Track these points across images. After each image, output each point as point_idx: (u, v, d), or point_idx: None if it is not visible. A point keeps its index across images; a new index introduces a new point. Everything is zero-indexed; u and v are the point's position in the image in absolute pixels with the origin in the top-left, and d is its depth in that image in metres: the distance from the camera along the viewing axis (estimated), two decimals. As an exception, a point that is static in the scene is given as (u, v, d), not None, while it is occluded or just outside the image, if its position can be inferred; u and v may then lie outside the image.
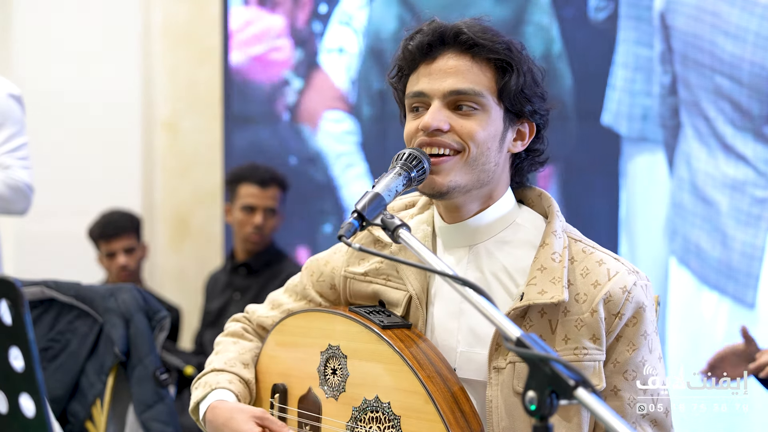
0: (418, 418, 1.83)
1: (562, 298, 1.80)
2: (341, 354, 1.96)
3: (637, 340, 1.84)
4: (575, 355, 1.82)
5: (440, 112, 1.84)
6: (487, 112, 1.84)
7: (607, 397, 1.85)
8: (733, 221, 3.31)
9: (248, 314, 2.19)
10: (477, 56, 1.85)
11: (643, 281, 1.86)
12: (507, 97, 1.84)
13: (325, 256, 2.10)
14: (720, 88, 3.38)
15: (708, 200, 3.38)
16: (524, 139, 1.90)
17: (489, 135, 1.84)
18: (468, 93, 1.84)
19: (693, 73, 3.46)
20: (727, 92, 3.37)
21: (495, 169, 1.87)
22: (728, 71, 3.37)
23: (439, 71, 1.85)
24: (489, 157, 1.85)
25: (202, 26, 5.59)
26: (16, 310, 1.42)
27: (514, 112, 1.87)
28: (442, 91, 1.85)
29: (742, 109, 3.34)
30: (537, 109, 1.88)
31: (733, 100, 3.36)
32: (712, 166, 3.38)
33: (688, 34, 3.47)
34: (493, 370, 1.84)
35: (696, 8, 3.47)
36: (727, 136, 3.35)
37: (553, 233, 1.86)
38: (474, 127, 1.83)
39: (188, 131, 5.70)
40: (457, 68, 1.85)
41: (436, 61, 1.86)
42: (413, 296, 1.93)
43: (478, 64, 1.85)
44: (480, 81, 1.84)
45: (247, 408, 1.97)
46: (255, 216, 4.33)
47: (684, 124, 3.48)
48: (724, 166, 3.34)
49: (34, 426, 1.46)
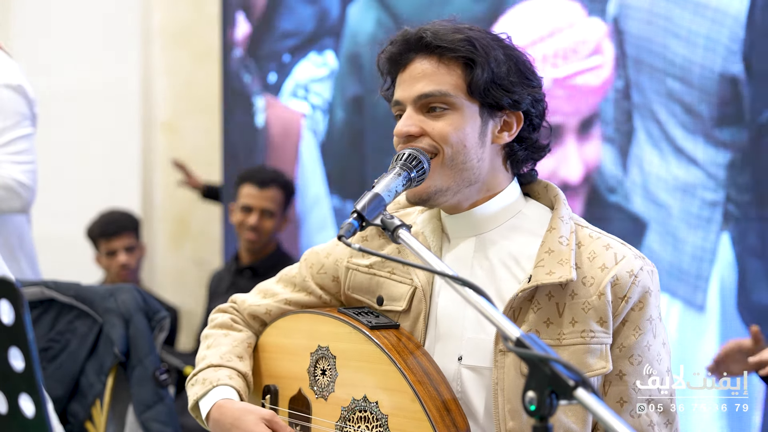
0: (405, 417, 1.83)
1: (571, 277, 1.81)
2: (330, 355, 1.97)
3: (643, 325, 1.85)
4: (582, 337, 1.83)
5: (411, 117, 1.87)
6: (458, 111, 1.86)
7: (612, 382, 1.86)
8: (684, 224, 3.33)
9: (236, 304, 2.16)
10: (443, 57, 1.87)
11: (649, 267, 1.87)
12: (477, 91, 1.85)
13: (326, 248, 2.10)
14: (671, 91, 3.41)
15: (660, 203, 3.40)
16: (511, 130, 1.90)
17: (463, 133, 1.85)
18: (435, 95, 1.86)
19: (645, 77, 3.48)
20: (678, 95, 3.39)
21: (480, 165, 1.87)
22: (679, 74, 3.39)
23: (410, 77, 1.89)
24: (468, 155, 1.86)
25: (201, 26, 5.59)
26: (16, 310, 1.42)
27: (492, 105, 1.87)
28: (411, 97, 1.88)
29: (692, 112, 3.36)
30: (519, 99, 1.87)
31: (684, 102, 3.37)
32: (663, 170, 3.40)
33: (641, 38, 3.49)
34: (499, 353, 1.85)
35: (649, 12, 3.48)
36: (678, 138, 3.37)
37: (560, 219, 1.88)
38: (445, 127, 1.85)
39: (188, 131, 5.71)
40: (424, 72, 1.87)
41: (407, 68, 1.90)
42: (418, 288, 1.93)
43: (445, 65, 1.87)
44: (447, 81, 1.86)
45: (256, 409, 1.96)
46: (251, 216, 4.33)
47: (637, 128, 3.48)
48: (675, 169, 3.37)
49: (34, 426, 1.46)
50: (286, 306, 2.09)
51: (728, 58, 3.27)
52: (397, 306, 1.95)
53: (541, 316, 1.84)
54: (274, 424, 1.94)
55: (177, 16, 5.68)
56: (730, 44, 3.27)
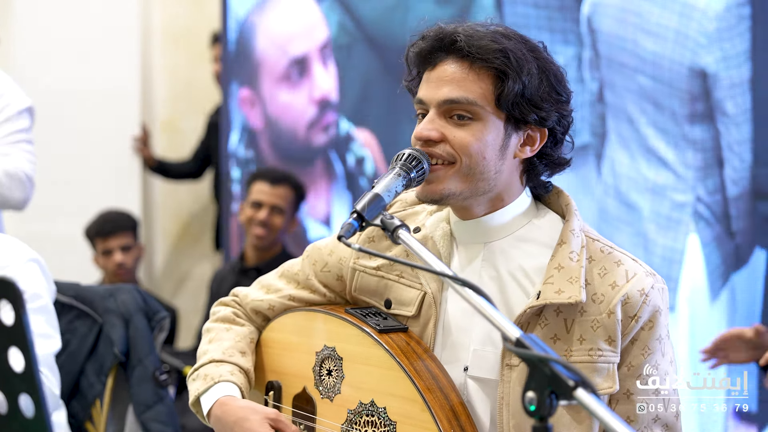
0: (414, 425, 1.82)
1: (580, 299, 1.79)
2: (337, 356, 1.95)
3: (652, 345, 1.83)
4: (590, 356, 1.80)
5: (433, 122, 1.83)
6: (482, 121, 1.81)
7: (620, 401, 1.84)
8: (654, 225, 3.33)
9: (238, 298, 2.12)
10: (474, 63, 1.81)
11: (659, 284, 1.85)
12: (505, 104, 1.80)
13: (328, 244, 2.05)
14: (643, 88, 3.38)
15: (631, 205, 3.39)
16: (534, 145, 1.85)
17: (484, 145, 1.81)
18: (461, 102, 1.81)
19: (618, 76, 3.45)
20: (649, 92, 3.36)
21: (497, 176, 1.84)
22: (650, 71, 3.37)
23: (437, 79, 1.84)
24: (486, 166, 1.82)
25: (201, 26, 5.60)
26: (16, 311, 1.42)
27: (518, 119, 1.82)
28: (437, 100, 1.83)
29: (663, 108, 3.34)
30: (546, 116, 1.82)
31: (655, 99, 3.35)
32: (634, 171, 3.39)
33: (612, 35, 3.46)
34: (506, 368, 1.83)
35: (619, 9, 3.46)
36: (649, 138, 3.35)
37: (571, 232, 1.84)
38: (467, 138, 1.81)
39: (187, 131, 5.71)
40: (454, 76, 1.82)
41: (436, 68, 1.85)
42: (428, 294, 1.91)
43: (475, 72, 1.81)
44: (475, 89, 1.81)
45: (260, 408, 1.94)
46: (260, 212, 4.33)
47: (609, 130, 3.47)
48: (646, 170, 3.35)
49: (34, 426, 1.46)
50: (290, 302, 2.06)
51: (697, 51, 3.26)
52: (406, 311, 1.93)
53: (548, 333, 1.82)
54: (279, 423, 1.92)
55: (177, 16, 5.68)
56: (698, 37, 3.26)
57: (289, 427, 1.92)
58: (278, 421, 1.92)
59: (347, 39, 4.46)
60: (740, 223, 3.20)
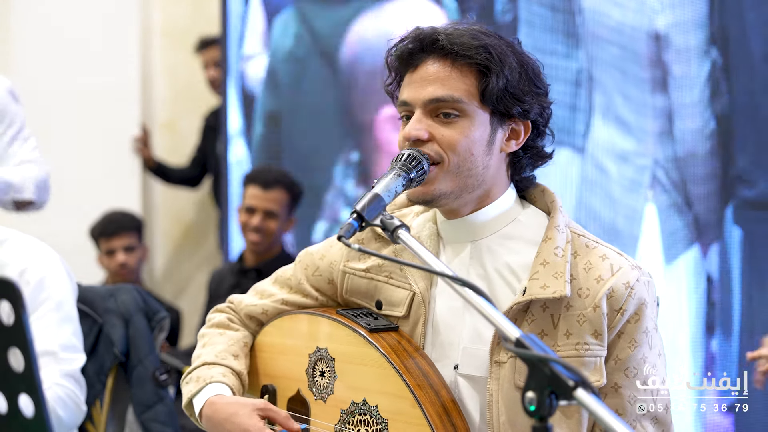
0: (405, 421, 1.83)
1: (564, 293, 1.80)
2: (329, 357, 1.96)
3: (639, 337, 1.84)
4: (576, 350, 1.82)
5: (420, 121, 1.84)
6: (468, 118, 1.83)
7: (608, 394, 1.85)
8: (620, 187, 3.49)
9: (233, 304, 2.15)
10: (456, 61, 1.84)
11: (645, 277, 1.86)
12: (490, 99, 1.83)
13: (320, 249, 2.08)
14: (614, 57, 3.51)
15: (603, 169, 3.55)
16: (519, 138, 1.88)
17: (471, 141, 1.83)
18: (447, 100, 1.83)
19: (596, 48, 3.58)
20: (618, 61, 3.49)
21: (485, 172, 1.86)
22: (617, 39, 3.49)
23: (421, 79, 1.85)
24: (474, 162, 1.84)
25: (201, 26, 5.59)
26: (15, 311, 1.43)
27: (502, 113, 1.85)
28: (422, 100, 1.84)
29: (627, 75, 3.46)
30: (529, 108, 1.85)
31: (622, 68, 3.48)
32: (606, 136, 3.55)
33: (593, 11, 3.57)
34: (495, 364, 1.84)
35: None
36: (618, 106, 3.49)
37: (556, 228, 1.86)
38: (454, 136, 1.82)
39: (187, 131, 5.71)
40: (437, 75, 1.84)
41: (418, 69, 1.87)
42: (417, 294, 1.92)
43: (458, 69, 1.83)
44: (459, 87, 1.83)
45: (248, 401, 1.95)
46: (254, 217, 4.31)
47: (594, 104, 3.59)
48: (615, 137, 3.51)
49: (34, 426, 1.46)
50: (283, 306, 2.07)
51: (652, 16, 3.37)
52: (397, 311, 1.94)
53: (535, 328, 1.83)
54: (269, 411, 1.93)
55: (177, 16, 5.68)
56: (653, 2, 3.37)
57: (279, 414, 1.93)
58: (267, 410, 1.93)
59: (303, 53, 4.58)
60: (698, 189, 3.31)
